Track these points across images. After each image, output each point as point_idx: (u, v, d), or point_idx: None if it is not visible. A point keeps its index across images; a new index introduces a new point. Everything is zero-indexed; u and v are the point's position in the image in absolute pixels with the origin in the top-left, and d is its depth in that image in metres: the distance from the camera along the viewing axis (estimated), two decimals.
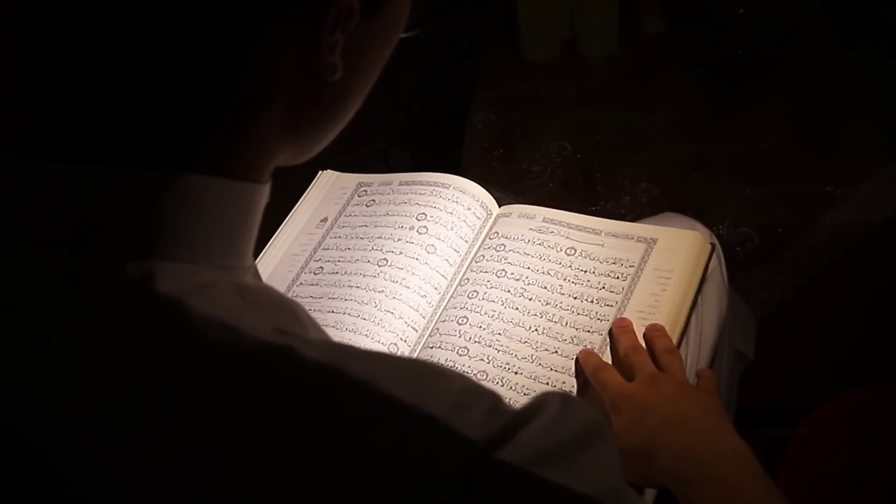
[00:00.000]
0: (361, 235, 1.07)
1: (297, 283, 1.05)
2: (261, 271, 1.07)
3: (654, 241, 0.99)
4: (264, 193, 0.54)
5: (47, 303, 0.47)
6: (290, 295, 1.03)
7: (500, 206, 1.09)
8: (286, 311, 0.52)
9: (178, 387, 0.45)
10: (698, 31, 1.84)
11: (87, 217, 0.48)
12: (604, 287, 0.97)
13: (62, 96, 0.48)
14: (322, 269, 1.05)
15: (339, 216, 1.11)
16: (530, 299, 0.97)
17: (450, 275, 1.02)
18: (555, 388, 0.91)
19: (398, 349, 0.96)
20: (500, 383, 0.92)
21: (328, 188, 1.15)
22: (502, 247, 1.03)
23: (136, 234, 0.48)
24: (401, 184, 1.12)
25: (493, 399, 0.47)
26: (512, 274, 1.00)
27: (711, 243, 1.00)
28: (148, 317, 0.46)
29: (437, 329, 0.98)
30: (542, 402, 0.48)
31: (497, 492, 0.44)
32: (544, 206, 1.07)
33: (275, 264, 1.08)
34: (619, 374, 0.88)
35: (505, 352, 0.94)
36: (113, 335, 0.46)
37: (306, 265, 1.06)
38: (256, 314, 0.49)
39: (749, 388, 1.16)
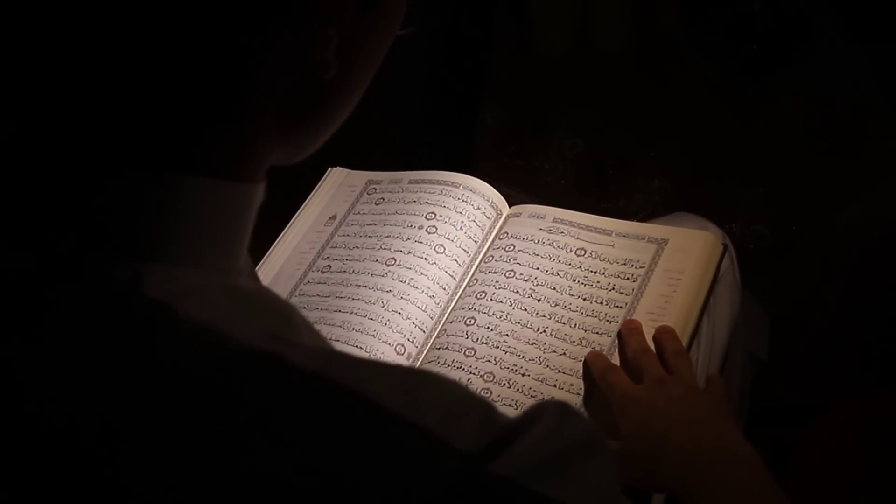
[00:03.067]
0: (370, 234, 1.06)
1: (305, 281, 1.04)
2: (268, 269, 1.06)
3: (665, 241, 0.98)
4: (258, 193, 0.53)
5: (37, 306, 0.46)
6: (297, 293, 1.03)
7: (511, 204, 1.08)
8: (280, 314, 0.51)
9: (162, 395, 0.44)
10: (713, 25, 1.83)
11: (76, 219, 0.47)
12: (613, 288, 0.96)
13: (51, 96, 0.47)
14: (330, 267, 1.04)
15: (348, 214, 1.10)
16: (539, 300, 0.96)
17: (458, 275, 1.02)
18: (563, 391, 0.90)
19: (405, 350, 0.95)
20: (507, 385, 0.91)
21: (337, 185, 1.15)
22: (512, 247, 1.02)
23: (124, 237, 0.47)
24: (410, 182, 1.11)
25: (486, 409, 0.46)
26: (521, 274, 0.99)
27: (724, 244, 0.98)
28: (134, 322, 0.45)
29: (445, 330, 0.97)
30: (538, 413, 0.47)
31: None
32: (556, 205, 1.06)
33: (282, 262, 1.07)
34: (628, 376, 0.87)
35: (512, 353, 0.93)
36: (99, 340, 0.45)
37: (314, 263, 1.06)
38: (247, 318, 0.48)
39: (761, 388, 1.15)
